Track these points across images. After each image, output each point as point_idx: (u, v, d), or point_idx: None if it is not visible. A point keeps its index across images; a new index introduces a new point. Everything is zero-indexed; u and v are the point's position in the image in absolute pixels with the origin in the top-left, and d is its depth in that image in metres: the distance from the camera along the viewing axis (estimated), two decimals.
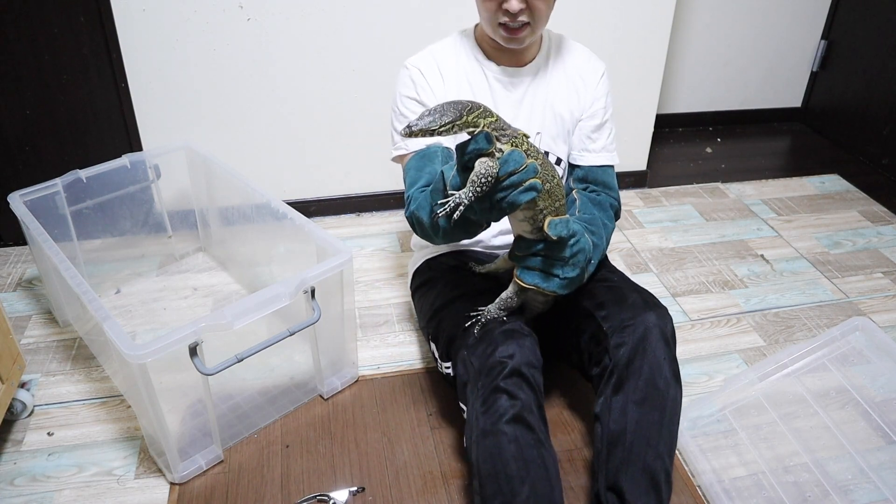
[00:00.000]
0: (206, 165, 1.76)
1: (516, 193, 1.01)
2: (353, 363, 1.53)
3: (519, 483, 1.06)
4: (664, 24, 2.12)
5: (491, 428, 1.10)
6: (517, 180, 1.01)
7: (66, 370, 1.56)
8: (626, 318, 1.20)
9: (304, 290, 1.29)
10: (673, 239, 2.12)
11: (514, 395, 1.11)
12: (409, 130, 0.98)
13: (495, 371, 1.12)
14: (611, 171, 1.40)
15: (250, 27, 1.87)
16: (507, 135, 1.03)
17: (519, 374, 1.12)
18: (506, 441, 1.08)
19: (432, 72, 1.33)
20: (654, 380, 1.16)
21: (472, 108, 1.00)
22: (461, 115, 0.98)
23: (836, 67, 2.77)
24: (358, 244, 2.06)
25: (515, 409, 1.10)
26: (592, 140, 1.39)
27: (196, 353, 1.16)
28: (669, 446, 1.16)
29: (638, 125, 2.30)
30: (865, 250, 2.08)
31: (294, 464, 1.34)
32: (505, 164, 1.00)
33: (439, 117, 0.98)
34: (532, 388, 1.13)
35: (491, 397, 1.11)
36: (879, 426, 1.39)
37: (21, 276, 1.88)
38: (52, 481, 1.30)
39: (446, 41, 1.38)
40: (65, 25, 1.77)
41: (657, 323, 1.19)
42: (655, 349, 1.17)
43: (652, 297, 1.27)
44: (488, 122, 1.01)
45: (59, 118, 1.89)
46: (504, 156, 1.00)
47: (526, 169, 1.01)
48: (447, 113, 0.98)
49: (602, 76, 1.39)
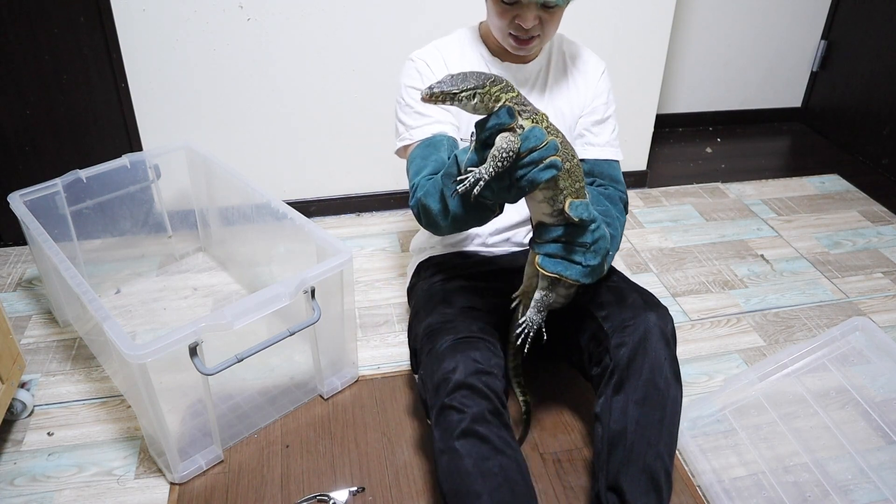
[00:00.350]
0: (206, 165, 1.76)
1: (537, 171, 0.99)
2: (353, 363, 1.53)
3: (475, 498, 1.06)
4: (664, 24, 2.12)
5: (444, 446, 1.10)
6: (537, 157, 0.98)
7: (66, 370, 1.56)
8: (626, 318, 1.20)
9: (304, 290, 1.29)
10: (673, 239, 2.12)
11: (460, 409, 1.10)
12: (429, 92, 0.95)
13: (441, 388, 1.12)
14: (616, 165, 1.40)
15: (250, 27, 1.87)
16: (528, 111, 1.01)
17: (466, 387, 1.11)
18: (459, 458, 1.08)
19: (438, 65, 1.33)
20: (654, 379, 1.16)
21: (496, 81, 0.98)
22: (484, 84, 0.97)
23: (836, 67, 2.77)
24: (358, 244, 2.06)
25: (465, 422, 1.09)
26: (595, 135, 1.39)
27: (196, 353, 1.16)
28: (670, 446, 1.16)
29: (638, 125, 2.30)
30: (865, 250, 2.08)
31: (294, 464, 1.34)
32: (526, 141, 0.97)
33: (462, 81, 0.96)
34: (483, 396, 1.11)
35: (441, 415, 1.11)
36: (879, 426, 1.39)
37: (21, 276, 1.88)
38: (52, 481, 1.30)
39: (451, 37, 1.39)
40: (65, 25, 1.77)
41: (658, 323, 1.19)
42: (656, 349, 1.17)
43: (652, 298, 1.27)
44: (510, 96, 0.99)
45: (59, 118, 1.89)
46: (525, 132, 0.98)
47: (547, 146, 0.99)
48: (470, 79, 0.96)
49: (602, 74, 1.40)
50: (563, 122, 1.38)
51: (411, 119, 1.29)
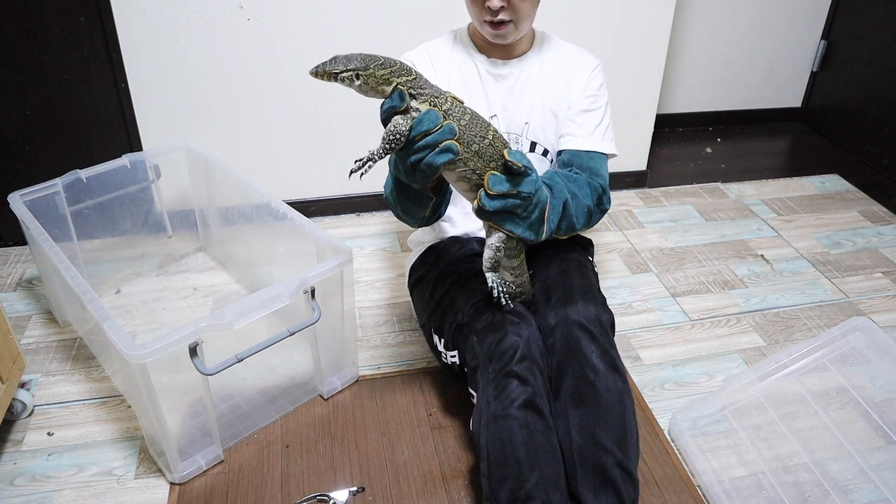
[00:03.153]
0: (206, 165, 1.76)
1: (432, 155, 1.00)
2: (353, 363, 1.53)
3: (528, 469, 1.06)
4: (664, 24, 2.12)
5: (502, 412, 1.10)
6: (432, 141, 0.99)
7: (66, 370, 1.56)
8: (550, 319, 1.21)
9: (304, 290, 1.29)
10: (673, 239, 2.12)
11: (525, 380, 1.11)
12: (314, 70, 1.00)
13: (507, 356, 1.12)
14: (598, 157, 1.34)
15: (250, 27, 1.87)
16: (426, 94, 1.02)
17: (530, 359, 1.13)
18: (517, 426, 1.08)
19: (423, 63, 1.36)
20: (585, 375, 1.14)
21: (385, 64, 1.00)
22: (367, 67, 0.99)
23: (836, 67, 2.77)
24: (358, 244, 2.06)
25: (527, 394, 1.10)
26: (578, 125, 1.36)
27: (196, 353, 1.16)
28: (620, 437, 1.12)
29: (638, 125, 2.30)
30: (865, 250, 2.07)
31: (294, 464, 1.34)
32: (419, 124, 0.99)
33: (345, 62, 0.99)
34: (542, 374, 1.14)
35: (502, 382, 1.11)
36: (879, 426, 1.39)
37: (21, 276, 1.88)
38: (52, 481, 1.30)
39: (441, 38, 1.41)
40: (65, 25, 1.77)
41: (578, 319, 1.18)
42: (579, 345, 1.16)
43: (580, 289, 1.25)
44: (403, 80, 1.00)
45: (59, 118, 1.89)
46: (420, 115, 0.99)
47: (441, 129, 0.99)
48: (354, 60, 0.99)
49: (594, 70, 1.38)
50: (551, 116, 1.37)
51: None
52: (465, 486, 1.29)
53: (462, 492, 1.28)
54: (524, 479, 1.06)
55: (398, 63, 1.01)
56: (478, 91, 1.37)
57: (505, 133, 1.39)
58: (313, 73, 1.01)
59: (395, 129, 0.99)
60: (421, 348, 1.64)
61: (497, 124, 1.38)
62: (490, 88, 1.37)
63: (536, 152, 1.41)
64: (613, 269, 1.96)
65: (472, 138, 1.03)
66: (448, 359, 1.33)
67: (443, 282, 1.37)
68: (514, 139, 1.40)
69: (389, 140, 0.99)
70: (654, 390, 1.53)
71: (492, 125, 1.07)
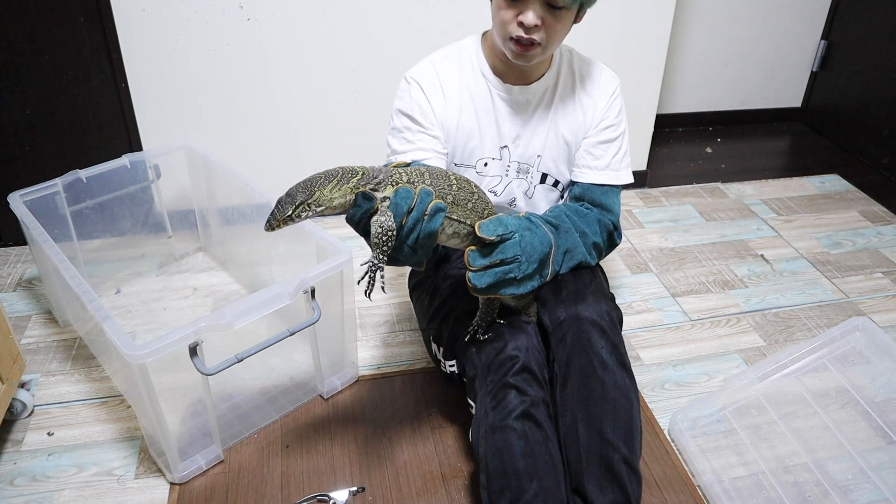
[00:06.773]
0: (206, 165, 1.76)
1: (425, 224, 0.95)
2: (353, 363, 1.53)
3: (527, 479, 1.06)
4: (664, 24, 2.12)
5: (500, 423, 1.09)
6: (418, 214, 0.94)
7: (66, 370, 1.56)
8: (560, 314, 1.20)
9: (304, 290, 1.29)
10: (673, 239, 2.12)
11: (523, 391, 1.11)
12: (268, 226, 0.96)
13: (505, 367, 1.12)
14: (612, 192, 1.32)
15: (250, 27, 1.87)
16: (382, 179, 0.97)
17: (528, 371, 1.12)
18: (515, 437, 1.08)
19: (433, 87, 1.27)
20: (595, 372, 1.14)
21: (328, 179, 0.95)
22: (311, 193, 0.94)
23: (836, 67, 2.77)
24: (358, 244, 2.05)
25: (525, 405, 1.10)
26: (595, 157, 1.32)
27: (196, 353, 1.16)
28: (627, 434, 1.12)
29: (638, 125, 2.30)
30: (865, 250, 2.08)
31: (294, 464, 1.34)
32: (398, 208, 0.94)
33: (290, 202, 0.94)
34: (540, 385, 1.13)
35: (500, 393, 1.11)
36: (879, 426, 1.39)
37: (21, 276, 1.88)
38: (52, 481, 1.30)
39: (449, 51, 1.31)
40: (65, 25, 1.77)
41: (588, 315, 1.18)
42: (590, 341, 1.16)
43: (590, 286, 1.24)
44: (353, 184, 0.95)
45: (59, 118, 1.89)
46: (392, 200, 0.94)
47: (420, 198, 0.95)
48: (296, 195, 0.94)
49: (613, 94, 1.32)
50: (565, 148, 1.33)
51: (397, 143, 1.29)
52: (465, 486, 1.29)
53: (462, 492, 1.28)
54: (523, 489, 1.06)
55: (338, 170, 0.97)
56: (489, 119, 1.29)
57: (515, 163, 1.34)
58: (268, 228, 0.95)
59: (382, 230, 0.93)
60: (421, 348, 1.64)
61: (507, 155, 1.33)
62: (503, 118, 1.30)
63: (547, 183, 1.37)
64: (614, 269, 1.96)
65: (445, 192, 1.01)
66: (447, 368, 1.32)
67: (441, 288, 1.36)
68: (525, 170, 1.35)
69: (383, 242, 0.94)
70: (654, 390, 1.53)
71: (450, 172, 1.05)
